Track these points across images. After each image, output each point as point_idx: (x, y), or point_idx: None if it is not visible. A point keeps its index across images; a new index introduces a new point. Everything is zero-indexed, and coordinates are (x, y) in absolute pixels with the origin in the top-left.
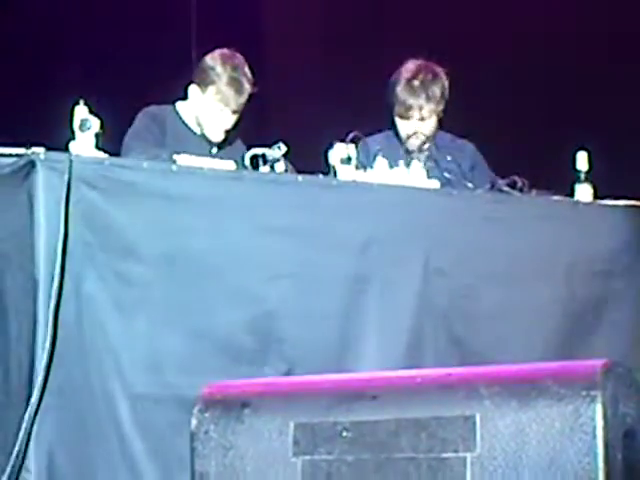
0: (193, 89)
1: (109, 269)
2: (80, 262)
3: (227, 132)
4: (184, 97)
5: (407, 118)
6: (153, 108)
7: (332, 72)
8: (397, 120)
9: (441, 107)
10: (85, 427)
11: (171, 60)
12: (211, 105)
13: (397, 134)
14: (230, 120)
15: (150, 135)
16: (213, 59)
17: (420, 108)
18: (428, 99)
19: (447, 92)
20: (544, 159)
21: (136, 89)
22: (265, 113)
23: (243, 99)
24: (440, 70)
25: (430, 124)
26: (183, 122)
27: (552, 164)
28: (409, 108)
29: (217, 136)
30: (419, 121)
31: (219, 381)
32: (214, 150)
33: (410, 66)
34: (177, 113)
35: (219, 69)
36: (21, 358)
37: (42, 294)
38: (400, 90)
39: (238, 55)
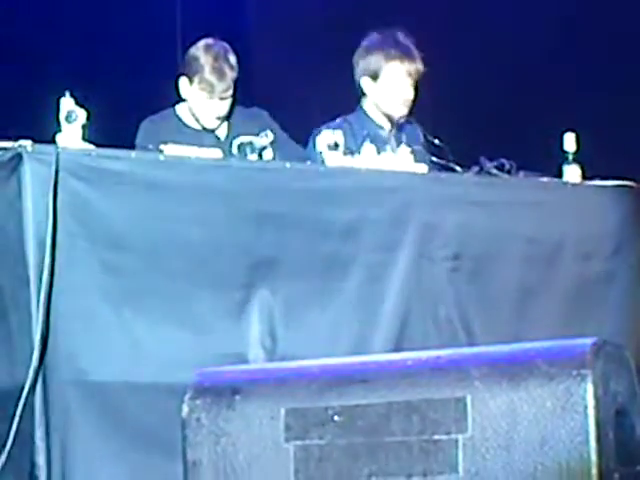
0: (183, 81)
1: (97, 259)
2: (68, 253)
3: (222, 119)
4: (176, 88)
5: (403, 82)
6: (148, 123)
7: (319, 58)
8: (388, 88)
9: None
10: (77, 416)
11: (156, 51)
12: (199, 95)
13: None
14: (220, 107)
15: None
16: (196, 49)
17: (417, 72)
18: (420, 61)
19: None
20: (532, 141)
21: (122, 80)
22: (252, 101)
23: (226, 85)
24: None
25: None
26: (185, 124)
27: (540, 146)
28: (409, 73)
29: (212, 124)
30: (411, 86)
31: (208, 368)
32: (222, 138)
33: (385, 36)
34: (178, 117)
35: (202, 59)
36: (24, 348)
37: (33, 286)
38: (390, 56)
39: (222, 43)
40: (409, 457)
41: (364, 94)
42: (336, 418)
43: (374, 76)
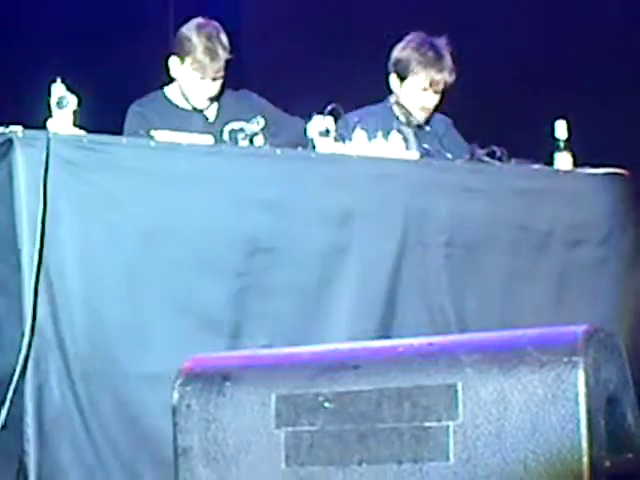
0: (173, 60)
1: (88, 245)
2: (60, 239)
3: (212, 99)
4: (166, 68)
5: (427, 90)
6: (136, 107)
7: (311, 45)
8: (411, 92)
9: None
10: (68, 402)
11: (148, 32)
12: (190, 75)
13: (388, 107)
14: (212, 88)
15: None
16: (188, 29)
17: (444, 82)
18: (450, 73)
19: None
20: (523, 128)
21: (114, 64)
22: (244, 87)
23: (218, 66)
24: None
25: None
26: (175, 105)
27: (531, 133)
28: (434, 82)
29: (202, 104)
30: (435, 94)
31: (200, 355)
32: (211, 119)
33: (424, 39)
34: (167, 99)
35: (194, 39)
36: (12, 334)
37: (25, 271)
38: (420, 62)
39: (214, 22)
40: (400, 444)
41: (390, 90)
42: (327, 404)
43: (402, 76)
